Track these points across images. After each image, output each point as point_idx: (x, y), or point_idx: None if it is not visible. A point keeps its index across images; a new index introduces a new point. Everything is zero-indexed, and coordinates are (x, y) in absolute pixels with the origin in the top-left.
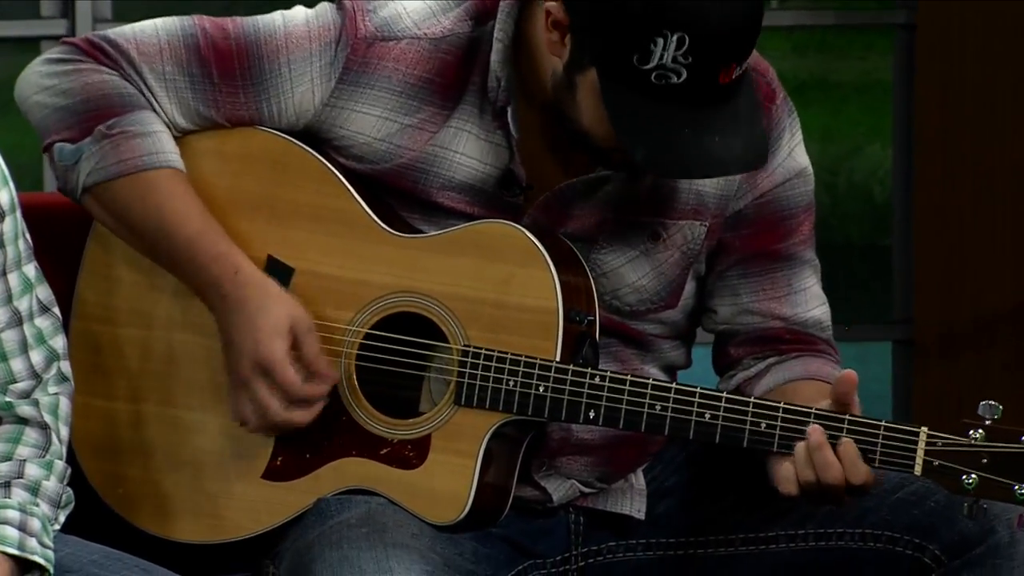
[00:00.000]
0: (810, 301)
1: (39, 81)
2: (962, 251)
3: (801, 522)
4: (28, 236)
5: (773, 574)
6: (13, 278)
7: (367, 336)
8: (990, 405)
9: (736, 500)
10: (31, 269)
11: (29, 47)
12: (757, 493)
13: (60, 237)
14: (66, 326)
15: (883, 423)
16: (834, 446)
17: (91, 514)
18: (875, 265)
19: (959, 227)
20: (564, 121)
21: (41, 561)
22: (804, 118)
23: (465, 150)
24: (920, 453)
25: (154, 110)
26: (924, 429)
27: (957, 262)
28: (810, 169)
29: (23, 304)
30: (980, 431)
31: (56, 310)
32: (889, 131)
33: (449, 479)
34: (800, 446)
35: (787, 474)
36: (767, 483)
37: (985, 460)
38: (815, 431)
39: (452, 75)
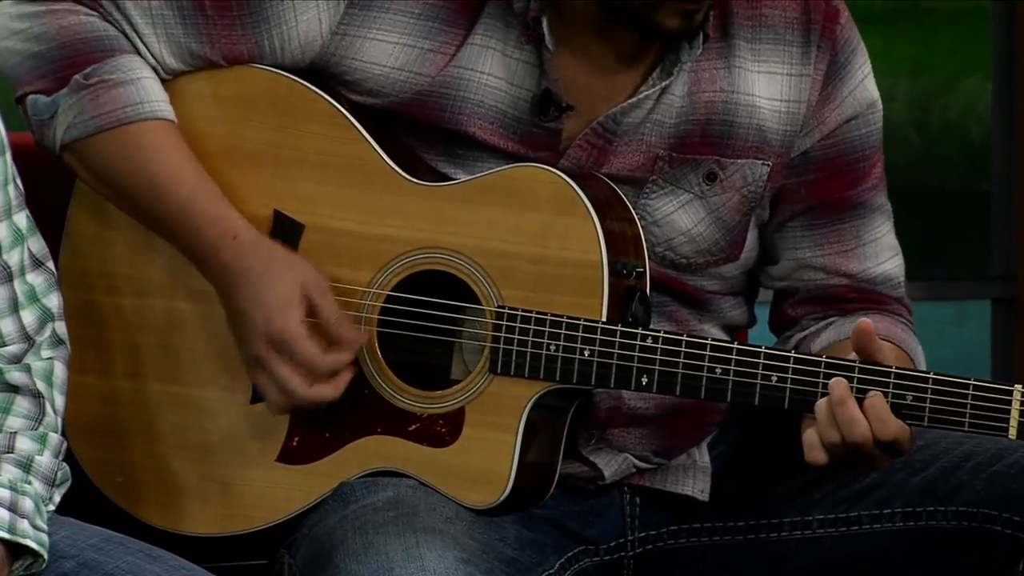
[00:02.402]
0: (881, 253)
1: (9, 24)
2: None
3: (887, 500)
4: (19, 182)
5: (854, 560)
6: (2, 228)
7: (388, 299)
8: None
9: (813, 477)
10: (22, 219)
11: None
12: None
13: (55, 184)
14: None
15: (972, 381)
16: (860, 401)
17: (91, 494)
18: (972, 214)
19: None
20: None
21: (34, 545)
22: (893, 48)
23: (491, 70)
24: (1015, 414)
25: (139, 53)
26: (1018, 387)
27: None
28: (880, 102)
29: (13, 258)
30: None
31: (51, 264)
32: (988, 63)
33: (486, 457)
34: (821, 403)
35: (811, 439)
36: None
37: None
38: (837, 384)
39: None
